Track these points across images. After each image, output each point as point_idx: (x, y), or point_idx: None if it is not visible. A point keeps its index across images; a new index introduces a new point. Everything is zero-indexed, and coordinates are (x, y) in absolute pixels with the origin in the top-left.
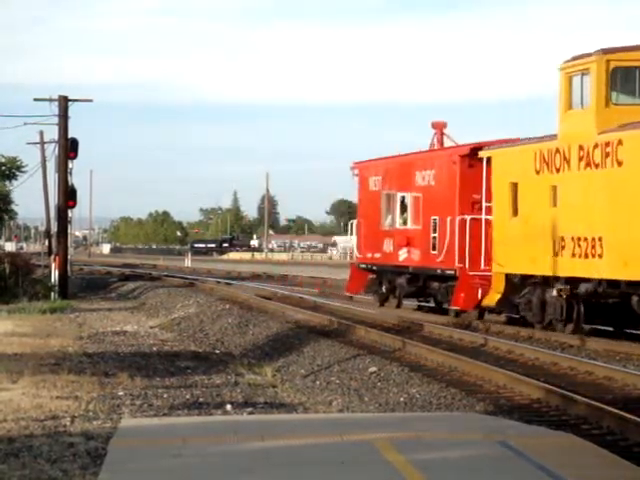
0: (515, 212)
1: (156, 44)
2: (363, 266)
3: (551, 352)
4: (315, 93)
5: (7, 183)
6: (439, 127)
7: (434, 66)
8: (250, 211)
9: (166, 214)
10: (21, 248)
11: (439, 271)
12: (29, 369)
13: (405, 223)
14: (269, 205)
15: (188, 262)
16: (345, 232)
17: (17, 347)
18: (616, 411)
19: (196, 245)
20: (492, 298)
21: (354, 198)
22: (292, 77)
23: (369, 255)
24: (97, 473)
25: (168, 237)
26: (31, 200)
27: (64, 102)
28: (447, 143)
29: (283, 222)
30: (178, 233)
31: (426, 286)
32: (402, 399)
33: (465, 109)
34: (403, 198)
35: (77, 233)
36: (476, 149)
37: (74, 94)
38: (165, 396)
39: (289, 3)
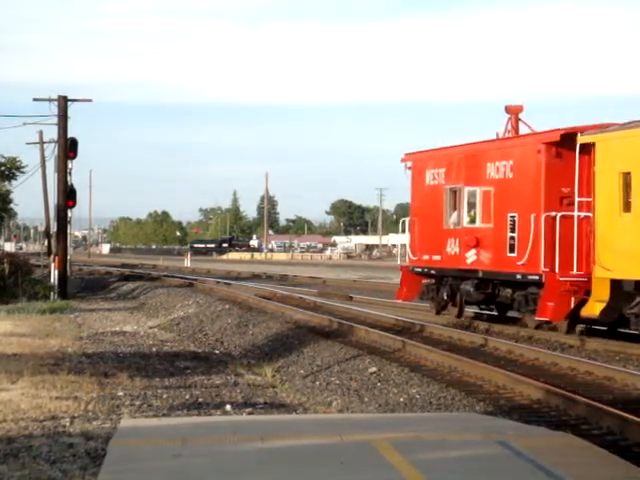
0: (627, 207)
1: (156, 44)
2: (418, 270)
3: (551, 352)
4: (315, 93)
5: (7, 183)
6: (514, 112)
7: (435, 66)
8: (250, 211)
9: (165, 214)
10: (20, 248)
11: (519, 276)
12: (28, 369)
13: (473, 221)
14: (269, 205)
15: (187, 262)
16: (345, 232)
17: (16, 347)
18: (616, 411)
19: (196, 245)
20: (593, 308)
21: (354, 198)
22: (292, 77)
23: (426, 257)
24: (96, 474)
25: (167, 237)
26: (30, 200)
27: (63, 102)
28: (522, 130)
29: (283, 222)
30: (177, 233)
31: (496, 293)
32: (402, 399)
33: (464, 109)
34: (472, 193)
35: (77, 233)
36: (567, 135)
37: (74, 94)
38: (165, 396)
39: (288, 3)
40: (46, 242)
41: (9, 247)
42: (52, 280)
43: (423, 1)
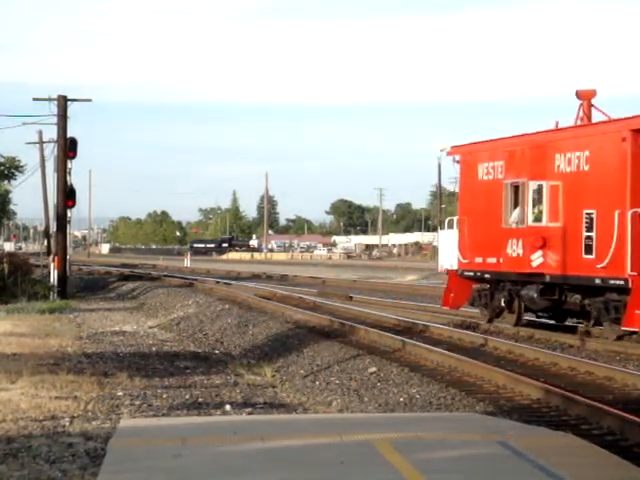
0: None
1: (156, 44)
2: (469, 274)
3: (551, 352)
4: (315, 93)
5: (6, 183)
6: (587, 97)
7: (435, 66)
8: (249, 211)
9: (165, 214)
10: (20, 248)
11: (598, 281)
12: (28, 369)
13: (539, 219)
14: (269, 205)
15: (187, 262)
16: (345, 232)
17: (16, 347)
18: (616, 411)
19: (195, 245)
20: None
21: (354, 198)
22: (292, 77)
23: (479, 260)
24: (96, 473)
25: (167, 237)
26: (30, 200)
27: (63, 102)
28: (595, 117)
29: (283, 222)
30: (177, 233)
31: (563, 299)
32: (402, 399)
33: (465, 110)
34: (537, 188)
35: (76, 233)
36: None
37: (73, 94)
38: (164, 396)
39: (288, 2)
40: (46, 242)
41: (8, 247)
42: (52, 280)
43: (423, 2)
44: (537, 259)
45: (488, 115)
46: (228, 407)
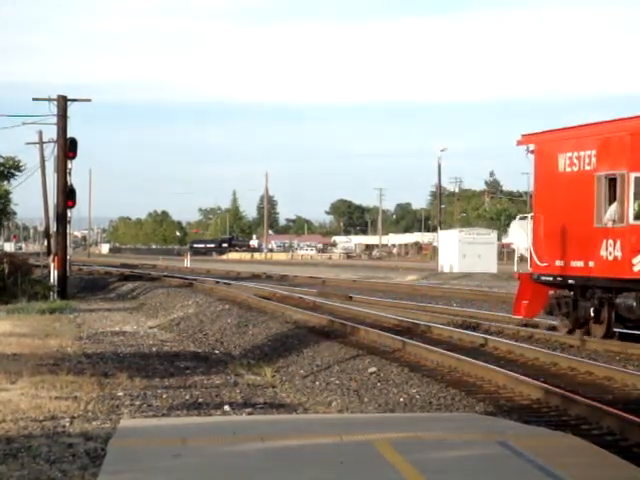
0: None
1: (156, 44)
2: (547, 279)
3: (551, 352)
4: (315, 93)
5: (6, 183)
6: None
7: (436, 66)
8: (249, 211)
9: (165, 214)
10: (20, 248)
11: None
12: (28, 369)
13: None
14: (269, 205)
15: (187, 262)
16: (345, 232)
17: (16, 347)
18: (616, 411)
19: (195, 245)
20: None
21: (354, 198)
22: (292, 77)
23: (560, 263)
24: (96, 474)
25: (167, 237)
26: (30, 200)
27: (63, 102)
28: None
29: (283, 222)
30: (177, 233)
31: None
32: (402, 399)
33: (465, 110)
34: None
35: (76, 233)
36: None
37: (74, 94)
38: (164, 396)
39: (288, 3)
40: (46, 242)
41: (8, 247)
42: (52, 280)
43: (422, 2)
44: (639, 263)
45: (488, 115)
46: (228, 407)
